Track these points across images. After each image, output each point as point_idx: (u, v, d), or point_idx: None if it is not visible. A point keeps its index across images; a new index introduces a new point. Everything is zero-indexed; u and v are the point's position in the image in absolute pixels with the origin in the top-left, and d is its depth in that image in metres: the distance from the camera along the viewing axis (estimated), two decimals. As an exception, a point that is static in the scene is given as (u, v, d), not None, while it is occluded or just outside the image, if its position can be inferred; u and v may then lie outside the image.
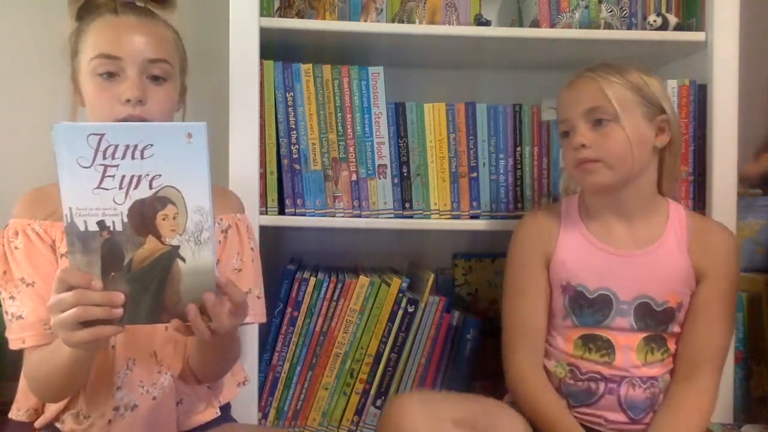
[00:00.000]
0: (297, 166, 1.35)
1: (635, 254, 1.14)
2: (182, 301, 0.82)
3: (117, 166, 0.78)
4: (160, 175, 0.78)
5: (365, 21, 1.37)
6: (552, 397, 1.14)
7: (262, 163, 1.34)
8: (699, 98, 1.38)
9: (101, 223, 0.80)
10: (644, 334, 1.13)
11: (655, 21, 1.40)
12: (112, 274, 0.81)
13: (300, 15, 1.38)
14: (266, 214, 1.34)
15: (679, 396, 1.11)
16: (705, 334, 1.12)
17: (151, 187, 0.79)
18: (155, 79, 1.00)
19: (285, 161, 1.35)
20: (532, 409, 1.12)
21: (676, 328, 1.14)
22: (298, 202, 1.35)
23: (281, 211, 1.35)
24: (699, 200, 1.38)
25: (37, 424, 1.02)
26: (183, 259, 0.81)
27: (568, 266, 1.16)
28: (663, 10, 1.44)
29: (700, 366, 1.11)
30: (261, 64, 1.32)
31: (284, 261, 1.44)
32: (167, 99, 1.02)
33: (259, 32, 1.30)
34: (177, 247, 0.80)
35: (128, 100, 0.97)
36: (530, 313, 1.17)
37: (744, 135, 1.36)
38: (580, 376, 1.14)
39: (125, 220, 0.79)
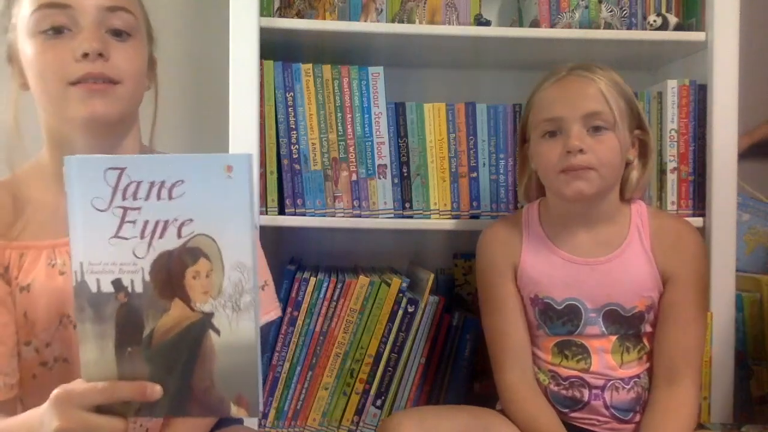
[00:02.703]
0: (297, 166, 1.35)
1: (599, 261, 1.12)
2: (215, 389, 0.66)
3: (139, 208, 0.64)
4: (191, 220, 0.64)
5: (365, 21, 1.37)
6: (545, 411, 1.12)
7: (262, 163, 1.33)
8: (699, 98, 1.38)
9: (117, 283, 0.65)
10: (617, 336, 1.12)
11: (655, 21, 1.40)
12: (129, 349, 0.65)
13: (300, 15, 1.38)
14: (266, 214, 1.34)
15: (662, 406, 1.08)
16: (678, 338, 1.09)
17: (179, 236, 0.64)
18: (117, 34, 0.83)
19: (285, 161, 1.35)
20: (527, 425, 1.10)
21: (648, 328, 1.13)
22: (298, 202, 1.35)
23: (281, 211, 1.35)
24: (699, 200, 1.38)
25: None
26: (217, 331, 0.65)
27: (533, 279, 1.15)
28: (663, 10, 1.44)
29: (678, 372, 1.09)
30: (261, 64, 1.32)
31: (284, 261, 1.44)
32: (135, 57, 0.84)
33: (259, 32, 1.29)
34: (210, 315, 0.65)
35: (86, 54, 0.78)
36: (511, 329, 1.16)
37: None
38: (562, 381, 1.14)
39: (146, 278, 0.65)
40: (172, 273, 0.64)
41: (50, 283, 0.82)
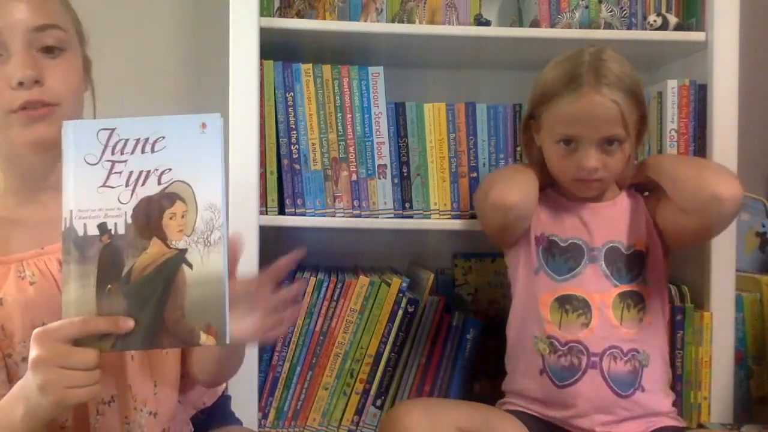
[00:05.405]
0: (297, 166, 1.35)
1: (600, 206, 1.21)
2: (185, 320, 0.71)
3: (125, 161, 0.72)
4: (170, 169, 0.72)
5: (365, 21, 1.37)
6: None
7: (262, 163, 1.33)
8: (699, 98, 1.38)
9: (102, 226, 0.71)
10: (618, 290, 1.15)
11: (655, 21, 1.40)
12: (109, 286, 0.71)
13: (300, 15, 1.38)
14: (266, 214, 1.34)
15: None
16: None
17: (159, 183, 0.72)
18: (49, 51, 0.82)
19: (285, 161, 1.35)
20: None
21: (648, 275, 1.17)
22: (298, 202, 1.35)
23: (281, 211, 1.35)
24: (699, 200, 1.38)
25: None
26: (190, 266, 0.71)
27: (542, 219, 1.21)
28: (663, 10, 1.44)
29: None
30: (261, 64, 1.32)
31: (284, 261, 1.44)
32: (70, 73, 0.84)
33: (259, 32, 1.29)
34: (184, 251, 0.71)
35: (21, 83, 0.78)
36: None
37: (744, 135, 1.36)
38: (560, 347, 1.13)
39: (129, 221, 0.71)
40: (151, 215, 0.72)
41: (22, 295, 0.82)
